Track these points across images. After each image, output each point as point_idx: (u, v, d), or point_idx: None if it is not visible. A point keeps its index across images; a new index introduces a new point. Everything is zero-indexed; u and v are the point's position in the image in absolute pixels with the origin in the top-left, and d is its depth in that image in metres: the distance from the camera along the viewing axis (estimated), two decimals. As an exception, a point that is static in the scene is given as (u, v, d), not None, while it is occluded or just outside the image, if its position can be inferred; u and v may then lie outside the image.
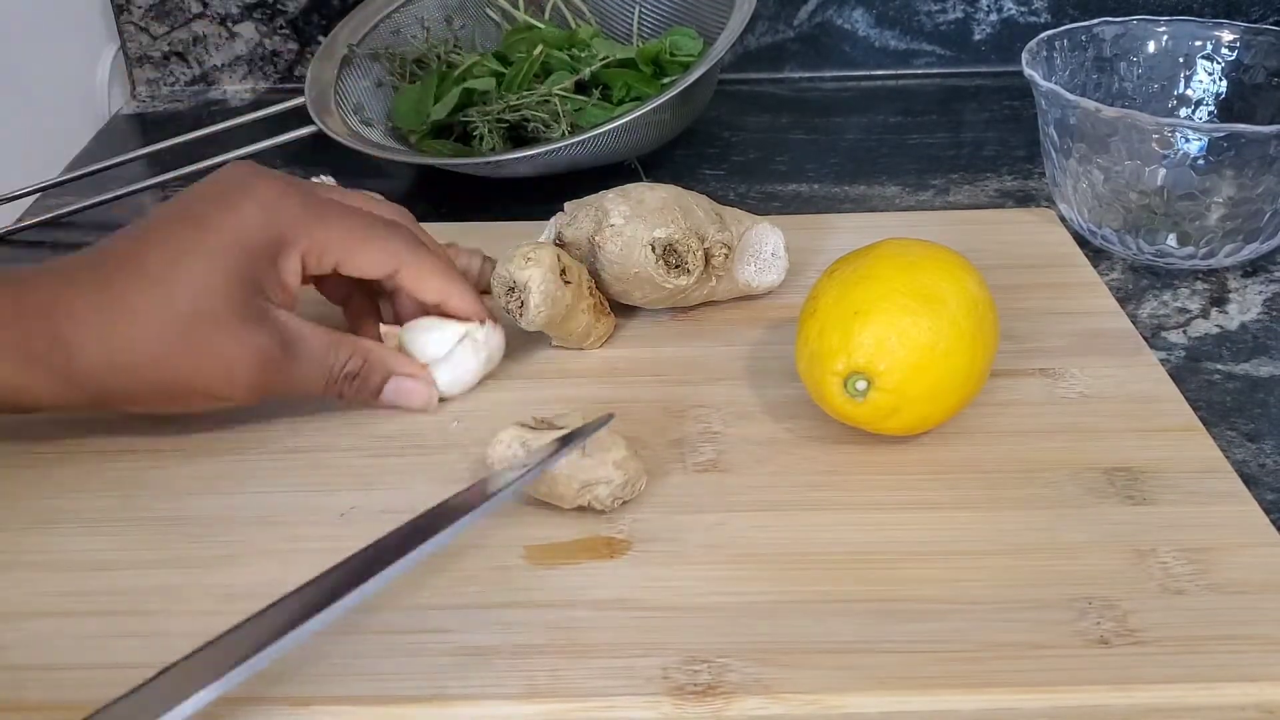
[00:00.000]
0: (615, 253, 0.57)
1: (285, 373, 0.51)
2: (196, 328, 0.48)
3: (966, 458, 0.51)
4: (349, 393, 0.53)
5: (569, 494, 0.47)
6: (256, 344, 0.49)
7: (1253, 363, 0.60)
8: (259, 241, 0.50)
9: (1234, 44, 0.71)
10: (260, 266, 0.50)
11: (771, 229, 0.62)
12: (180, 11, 0.92)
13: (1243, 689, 0.41)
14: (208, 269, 0.49)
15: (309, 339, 0.51)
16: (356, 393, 0.53)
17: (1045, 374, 0.56)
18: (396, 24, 0.85)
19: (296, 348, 0.51)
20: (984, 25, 0.94)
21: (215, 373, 0.49)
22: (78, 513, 0.49)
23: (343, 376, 0.52)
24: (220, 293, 0.49)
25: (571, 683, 0.41)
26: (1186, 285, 0.66)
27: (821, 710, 0.40)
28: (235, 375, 0.50)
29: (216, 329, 0.49)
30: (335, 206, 0.53)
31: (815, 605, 0.44)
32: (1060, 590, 0.44)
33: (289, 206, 0.51)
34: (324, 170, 0.67)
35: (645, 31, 0.85)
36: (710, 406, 0.55)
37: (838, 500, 0.49)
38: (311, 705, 0.40)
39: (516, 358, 0.58)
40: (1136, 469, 0.50)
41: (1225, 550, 0.46)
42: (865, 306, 0.49)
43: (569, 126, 0.76)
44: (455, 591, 0.45)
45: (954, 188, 0.78)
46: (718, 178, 0.80)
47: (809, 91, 0.94)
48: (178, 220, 0.50)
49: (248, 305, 0.49)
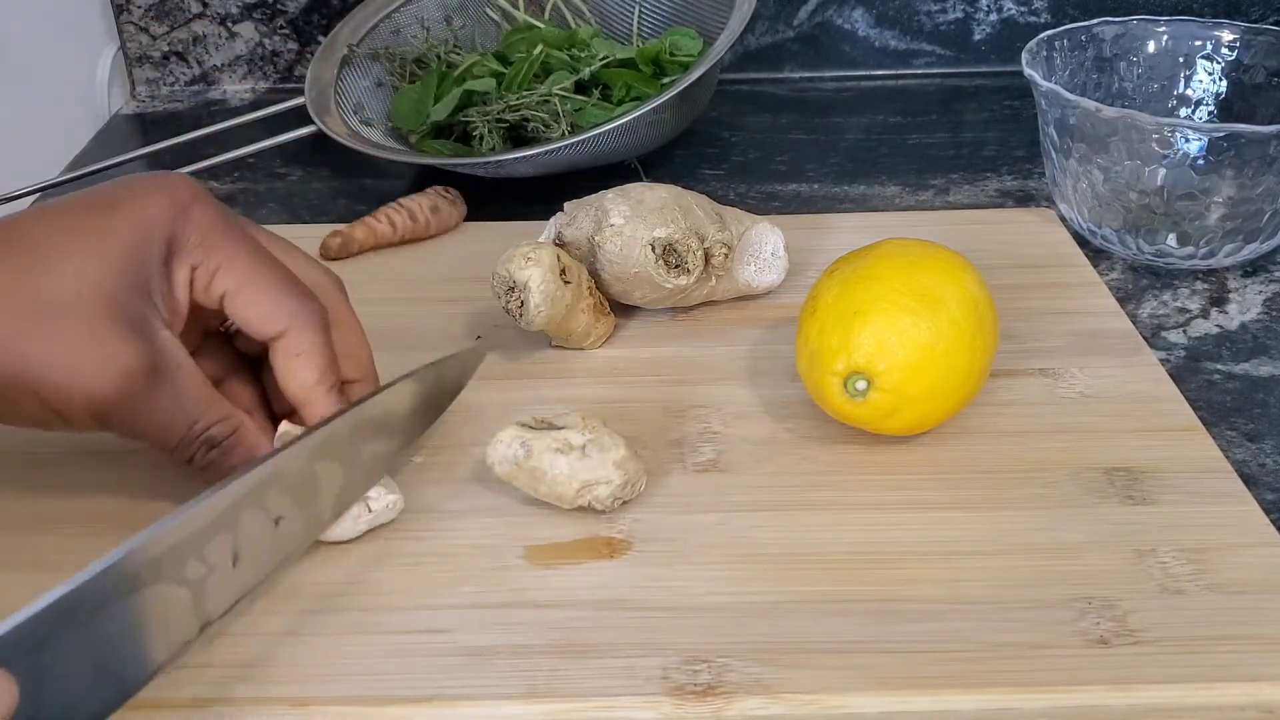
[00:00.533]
0: (615, 253, 0.57)
1: (141, 404, 0.43)
2: (53, 313, 0.41)
3: (966, 458, 0.51)
4: (200, 460, 0.45)
5: (569, 494, 0.47)
6: (121, 356, 0.42)
7: (1253, 363, 0.60)
8: (155, 239, 0.43)
9: (1234, 44, 0.71)
10: (152, 269, 0.43)
11: (771, 229, 0.62)
12: (180, 11, 0.92)
13: (1243, 689, 0.41)
14: (88, 251, 0.42)
15: (184, 377, 0.44)
16: (208, 464, 0.45)
17: (1045, 374, 0.56)
18: (396, 24, 0.85)
19: (166, 380, 0.43)
20: (984, 25, 0.94)
21: (59, 375, 0.41)
22: (78, 513, 0.49)
23: (203, 439, 0.44)
24: (95, 282, 0.41)
25: (571, 683, 0.41)
26: (1186, 285, 0.66)
27: (821, 710, 0.40)
28: (81, 386, 0.41)
29: (77, 322, 0.41)
30: (255, 238, 0.46)
31: (815, 605, 0.44)
32: (1060, 590, 0.44)
33: (198, 213, 0.44)
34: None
35: (645, 31, 0.85)
36: (710, 406, 0.55)
37: (838, 500, 0.49)
38: (311, 705, 0.40)
39: (516, 358, 0.58)
40: (1136, 469, 0.50)
41: (1225, 550, 0.46)
42: (865, 306, 0.49)
43: (569, 126, 0.76)
44: (455, 591, 0.45)
45: (954, 188, 0.78)
46: (718, 178, 0.80)
47: (809, 91, 0.94)
48: (80, 199, 0.44)
49: (126, 307, 0.42)
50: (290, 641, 0.43)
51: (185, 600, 0.38)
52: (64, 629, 0.34)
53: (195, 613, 0.39)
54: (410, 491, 0.49)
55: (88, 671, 0.35)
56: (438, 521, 0.48)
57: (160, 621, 0.37)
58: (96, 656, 0.35)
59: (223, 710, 0.40)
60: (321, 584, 0.45)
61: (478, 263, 0.61)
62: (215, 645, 0.42)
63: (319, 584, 0.45)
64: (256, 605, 0.44)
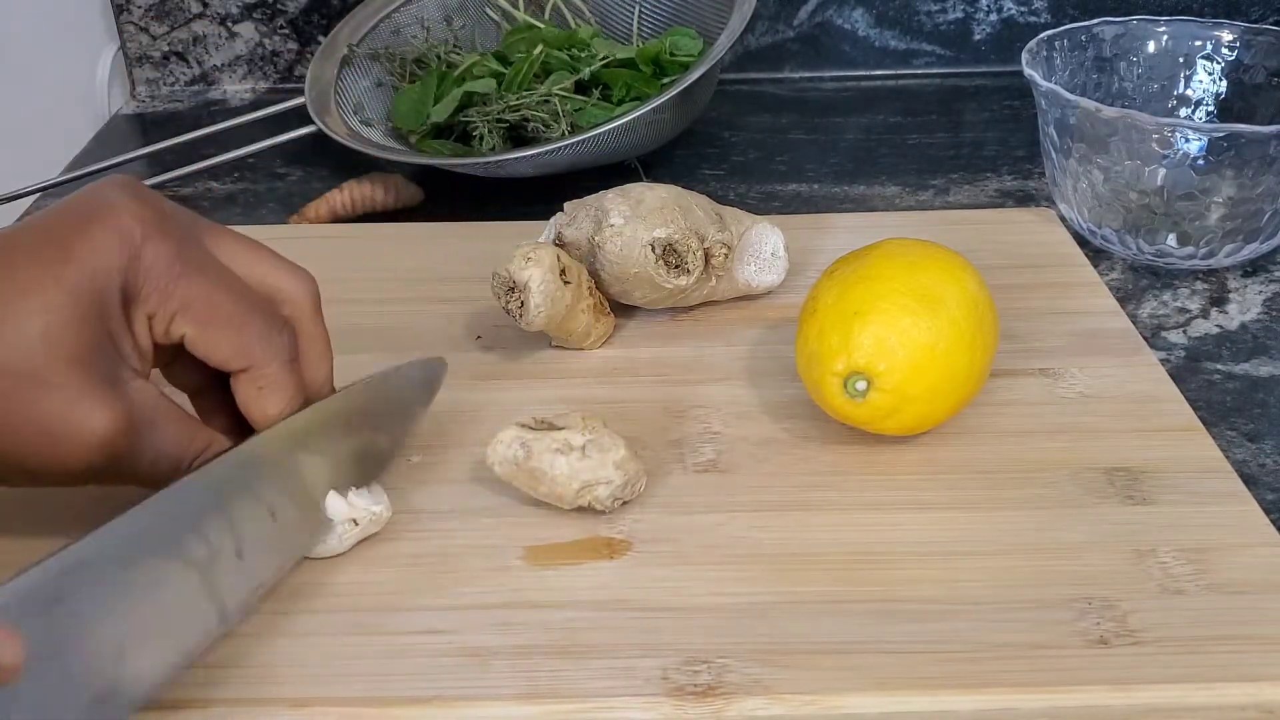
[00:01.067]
0: (615, 253, 0.57)
1: (126, 459, 0.41)
2: (21, 387, 0.39)
3: (966, 458, 0.51)
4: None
5: (569, 494, 0.47)
6: (97, 420, 0.40)
7: (1253, 363, 0.60)
8: (113, 285, 0.41)
9: (1234, 44, 0.71)
10: (113, 316, 0.41)
11: (771, 229, 0.62)
12: (180, 11, 0.92)
13: (1243, 689, 0.41)
14: (47, 310, 0.39)
15: (164, 421, 0.42)
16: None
17: (1045, 374, 0.56)
18: (396, 24, 0.85)
19: (147, 432, 0.42)
20: (984, 25, 0.94)
21: (37, 449, 0.40)
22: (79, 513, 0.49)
23: (192, 469, 0.43)
24: (59, 345, 0.39)
25: (571, 683, 0.41)
26: (1186, 285, 0.66)
27: (821, 710, 0.40)
28: (62, 455, 0.40)
29: (47, 393, 0.39)
30: (211, 264, 0.44)
31: (815, 605, 0.44)
32: (1060, 590, 0.44)
33: (154, 252, 0.42)
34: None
35: (645, 31, 0.85)
36: (710, 406, 0.55)
37: (838, 500, 0.49)
38: (311, 705, 0.40)
39: (516, 358, 0.58)
40: (1136, 469, 0.50)
41: (1225, 550, 0.46)
42: (865, 306, 0.49)
43: (569, 126, 0.76)
44: (455, 591, 0.45)
45: (954, 188, 0.78)
46: (718, 178, 0.80)
47: (809, 91, 0.94)
48: (25, 248, 0.41)
49: (95, 367, 0.40)
50: (290, 641, 0.43)
51: (195, 582, 0.39)
52: (76, 589, 0.34)
53: (209, 598, 0.39)
54: (410, 492, 0.49)
55: (98, 645, 0.35)
56: (438, 522, 0.48)
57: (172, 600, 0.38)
58: (112, 631, 0.36)
59: (223, 710, 0.40)
60: (321, 584, 0.45)
61: (478, 263, 0.61)
62: (215, 645, 0.42)
63: (319, 584, 0.45)
64: (256, 605, 0.44)
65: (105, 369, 0.40)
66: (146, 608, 0.38)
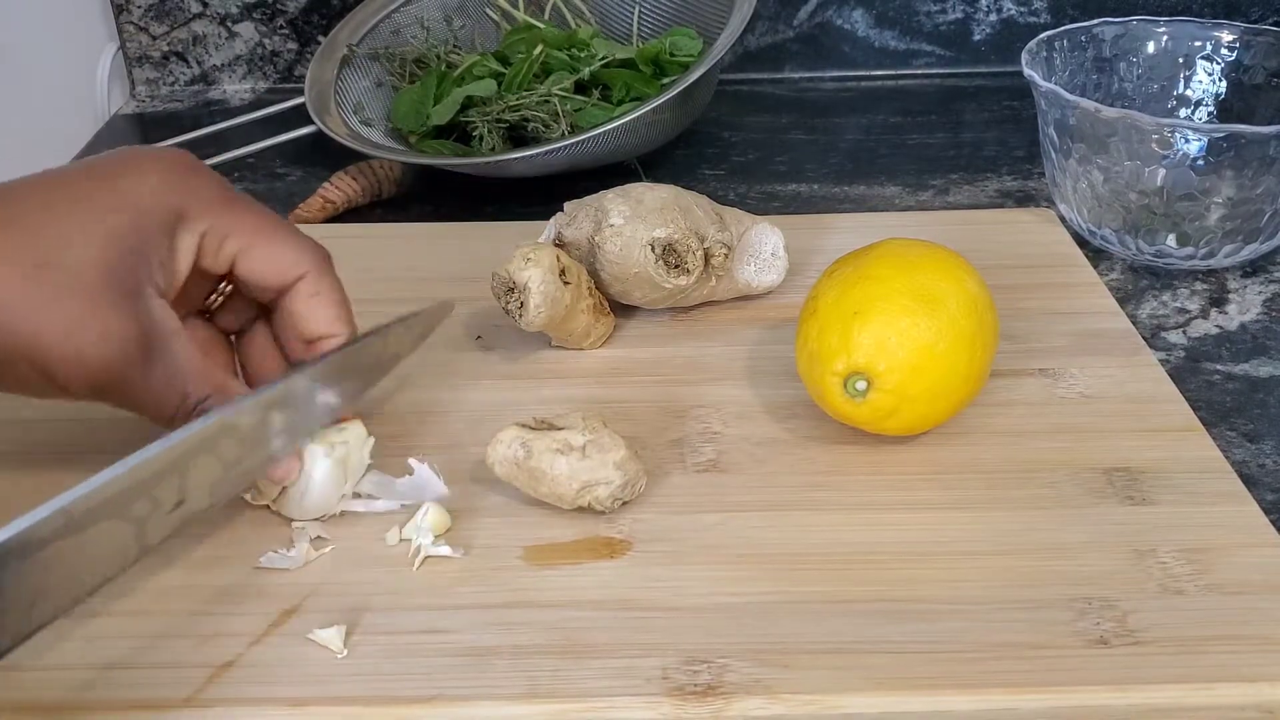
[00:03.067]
0: (615, 253, 0.57)
1: (137, 375, 0.43)
2: (53, 282, 0.41)
3: (966, 458, 0.51)
4: None
5: (569, 495, 0.47)
6: (119, 327, 0.42)
7: (1252, 363, 0.60)
8: (159, 208, 0.44)
9: (1234, 44, 0.72)
10: (152, 238, 0.43)
11: (771, 229, 0.62)
12: (180, 11, 0.92)
13: (1242, 689, 0.41)
14: (90, 220, 0.42)
15: (178, 347, 0.44)
16: None
17: (1045, 374, 0.56)
18: (396, 24, 0.85)
19: (161, 350, 0.43)
20: (984, 25, 0.94)
21: (57, 344, 0.41)
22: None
23: (197, 411, 0.44)
24: (95, 251, 0.42)
25: (572, 683, 0.41)
26: (1186, 285, 0.66)
27: (821, 710, 0.40)
28: (79, 356, 0.41)
29: (76, 292, 0.41)
30: (247, 197, 0.48)
31: (815, 605, 0.44)
32: (1059, 590, 0.44)
33: (201, 183, 0.46)
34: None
35: (645, 31, 0.85)
36: (710, 406, 0.55)
37: (838, 500, 0.49)
38: (311, 705, 0.40)
39: (517, 358, 0.58)
40: (1136, 469, 0.50)
41: (1225, 550, 0.46)
42: (865, 306, 0.49)
43: (569, 126, 0.76)
44: (455, 591, 0.45)
45: (954, 188, 0.78)
46: (718, 178, 0.80)
47: (809, 91, 0.94)
48: (81, 168, 0.44)
49: (124, 277, 0.42)
50: (290, 642, 0.43)
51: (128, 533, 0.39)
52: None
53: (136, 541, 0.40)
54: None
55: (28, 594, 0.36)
56: (438, 521, 0.48)
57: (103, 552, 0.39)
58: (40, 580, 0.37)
59: (223, 710, 0.40)
60: (321, 584, 0.45)
61: (478, 263, 0.61)
62: (215, 645, 0.42)
63: (318, 584, 0.45)
64: (256, 606, 0.44)
65: (133, 283, 0.42)
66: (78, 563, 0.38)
